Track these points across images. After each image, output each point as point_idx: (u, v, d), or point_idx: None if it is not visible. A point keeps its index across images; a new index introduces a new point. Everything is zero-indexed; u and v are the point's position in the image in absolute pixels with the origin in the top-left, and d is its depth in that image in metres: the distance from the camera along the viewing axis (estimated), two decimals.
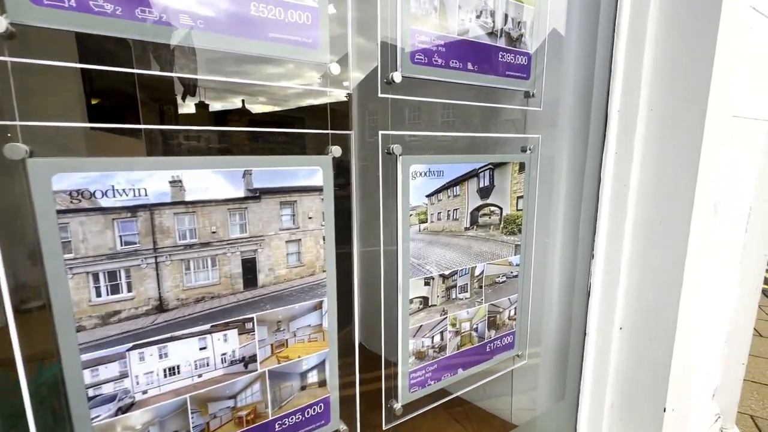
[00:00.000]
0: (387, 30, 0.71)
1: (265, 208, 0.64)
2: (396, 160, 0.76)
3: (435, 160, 0.81)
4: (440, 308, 0.89)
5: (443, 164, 0.83)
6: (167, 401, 0.59)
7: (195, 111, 0.86)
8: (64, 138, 0.51)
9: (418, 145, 0.85)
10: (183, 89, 0.81)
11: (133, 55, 0.54)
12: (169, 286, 0.57)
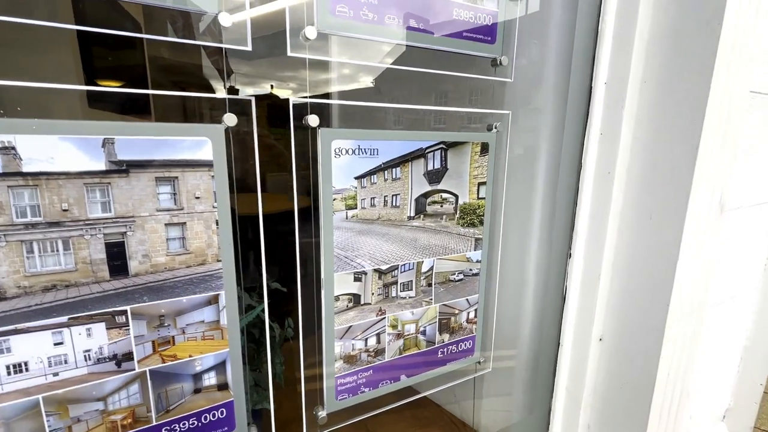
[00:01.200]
0: None
1: (135, 184, 0.54)
2: (313, 134, 0.65)
3: (365, 135, 0.69)
4: (376, 307, 0.78)
5: (377, 141, 0.70)
6: (13, 401, 0.52)
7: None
8: None
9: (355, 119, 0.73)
10: None
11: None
12: (6, 271, 0.49)
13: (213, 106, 0.59)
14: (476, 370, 0.98)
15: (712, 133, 0.72)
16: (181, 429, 0.64)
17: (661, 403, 0.86)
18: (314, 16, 0.61)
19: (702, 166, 0.72)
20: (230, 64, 0.61)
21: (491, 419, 1.16)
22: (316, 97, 0.65)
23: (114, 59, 0.79)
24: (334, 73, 0.83)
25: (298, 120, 0.64)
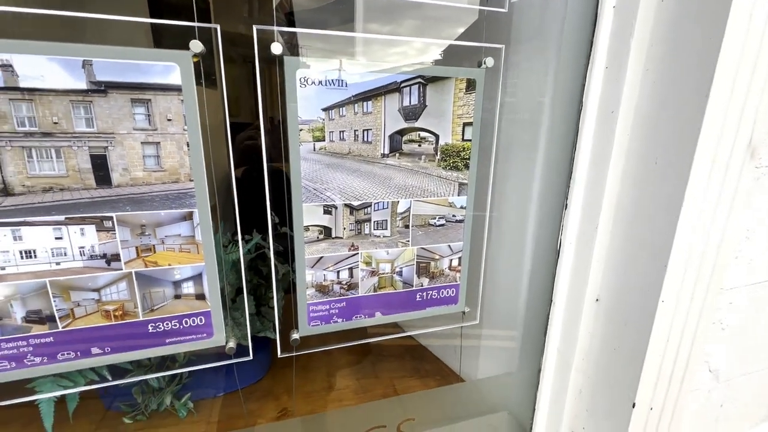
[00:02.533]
0: None
1: (113, 104, 0.62)
2: (278, 62, 0.67)
3: (330, 66, 0.69)
4: (348, 242, 0.80)
5: (346, 74, 0.70)
6: (26, 281, 0.64)
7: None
8: None
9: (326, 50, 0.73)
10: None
11: None
12: (12, 171, 0.60)
13: (182, 33, 0.63)
14: (462, 320, 0.96)
15: (735, 53, 0.60)
16: (165, 328, 0.74)
17: (657, 373, 0.78)
18: None
19: (718, 98, 0.61)
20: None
21: (478, 373, 1.14)
22: (283, 26, 0.67)
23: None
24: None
25: (264, 51, 0.66)
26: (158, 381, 1.02)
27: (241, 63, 0.73)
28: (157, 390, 1.03)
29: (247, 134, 0.73)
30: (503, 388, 1.07)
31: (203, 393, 1.14)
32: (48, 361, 0.69)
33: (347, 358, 1.33)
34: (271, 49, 0.66)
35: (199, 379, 1.12)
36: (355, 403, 1.12)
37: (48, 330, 0.67)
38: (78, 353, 0.70)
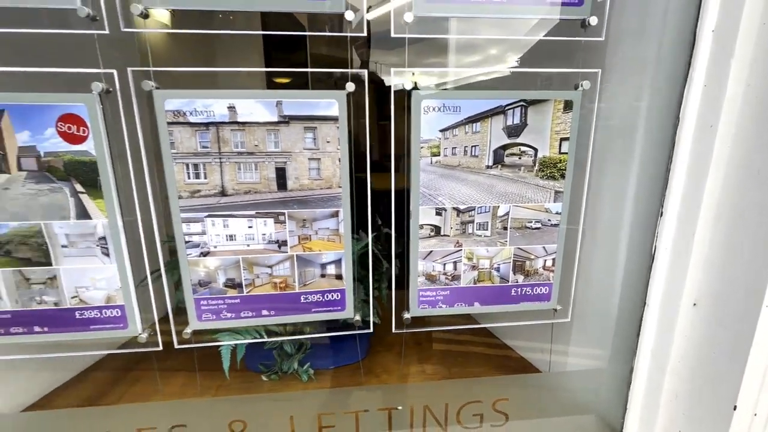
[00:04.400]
0: None
1: (292, 131, 0.85)
2: (408, 95, 0.86)
3: (450, 95, 0.86)
4: (453, 239, 0.96)
5: (459, 100, 0.87)
6: (228, 256, 0.91)
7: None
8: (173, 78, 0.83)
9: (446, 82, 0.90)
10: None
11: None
12: (228, 179, 0.86)
13: (340, 78, 0.85)
14: (553, 316, 1.05)
15: None
16: (312, 299, 0.96)
17: (762, 378, 0.80)
18: (412, 3, 0.81)
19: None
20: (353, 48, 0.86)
21: (569, 371, 1.20)
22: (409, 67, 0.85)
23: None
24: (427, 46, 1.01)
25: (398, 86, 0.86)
26: (291, 347, 1.26)
27: (375, 95, 0.93)
28: (288, 356, 1.28)
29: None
30: (591, 386, 1.12)
31: (319, 364, 1.37)
32: (234, 317, 0.95)
33: (439, 347, 1.47)
34: (402, 86, 0.85)
35: (317, 352, 1.36)
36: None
37: (237, 293, 0.93)
38: (254, 313, 0.95)
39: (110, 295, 0.90)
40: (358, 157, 0.90)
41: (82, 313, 0.90)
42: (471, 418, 1.02)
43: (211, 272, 0.91)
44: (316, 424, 0.97)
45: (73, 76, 0.78)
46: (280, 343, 1.23)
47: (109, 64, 0.79)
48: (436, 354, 1.43)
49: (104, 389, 1.26)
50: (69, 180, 0.82)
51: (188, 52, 0.95)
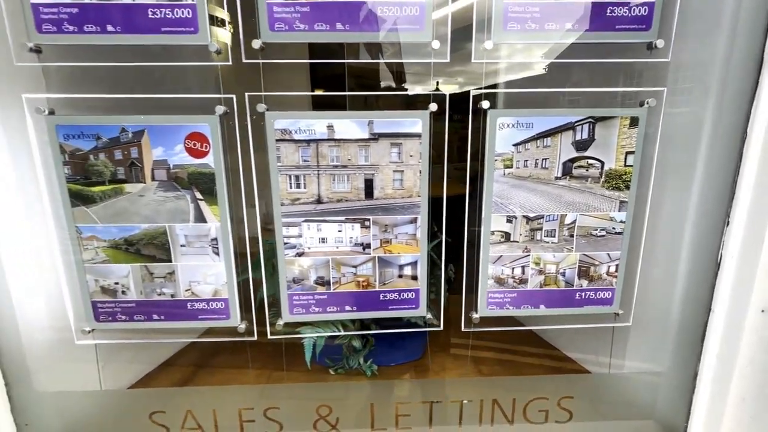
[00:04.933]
0: (484, 10, 0.89)
1: (380, 147, 0.96)
2: (484, 114, 0.95)
3: (523, 113, 0.95)
4: (522, 245, 1.03)
5: (532, 117, 0.95)
6: (320, 257, 1.02)
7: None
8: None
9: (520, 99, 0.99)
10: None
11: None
12: (324, 189, 0.98)
13: (423, 99, 0.96)
14: (614, 320, 1.10)
15: None
16: (390, 297, 1.06)
17: None
18: (491, 32, 0.90)
19: None
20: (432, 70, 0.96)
21: (630, 376, 1.23)
22: (487, 88, 0.95)
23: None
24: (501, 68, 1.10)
25: (474, 105, 0.95)
26: (359, 343, 1.36)
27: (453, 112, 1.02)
28: (356, 351, 1.38)
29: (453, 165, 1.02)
30: (650, 390, 1.16)
31: (380, 361, 1.46)
32: (321, 312, 1.06)
33: (498, 351, 1.53)
34: (481, 105, 0.94)
35: (379, 350, 1.45)
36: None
37: (325, 290, 1.04)
38: (338, 308, 1.06)
39: (217, 289, 1.03)
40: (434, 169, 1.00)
41: (193, 305, 1.03)
42: (536, 414, 1.08)
43: (304, 270, 1.03)
44: (393, 411, 1.06)
45: (199, 101, 0.92)
46: (349, 339, 1.34)
47: (228, 89, 0.93)
48: (491, 354, 1.49)
49: (189, 373, 1.41)
50: (191, 189, 0.96)
51: (293, 78, 1.08)
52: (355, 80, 1.15)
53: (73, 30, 0.86)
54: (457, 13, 0.91)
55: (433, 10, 0.89)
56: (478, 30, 0.91)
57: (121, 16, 0.86)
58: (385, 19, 0.89)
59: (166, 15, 0.87)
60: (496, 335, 1.11)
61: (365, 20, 0.88)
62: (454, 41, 0.92)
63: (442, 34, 0.91)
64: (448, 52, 0.92)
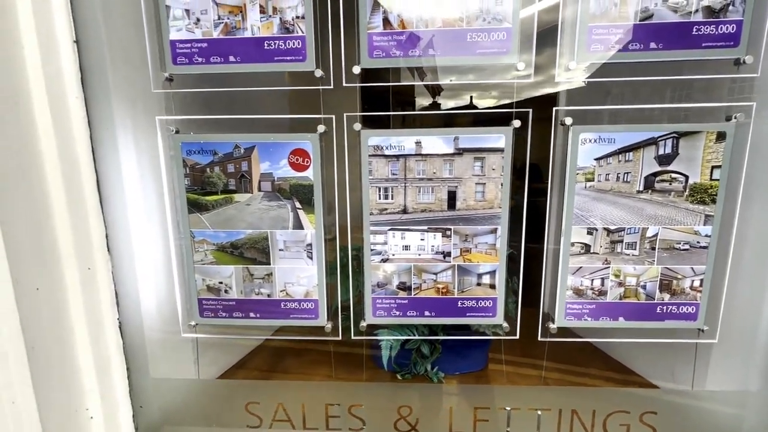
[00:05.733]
0: (566, 31, 0.95)
1: (464, 161, 1.03)
2: (568, 129, 0.99)
3: (605, 129, 0.98)
4: (602, 257, 1.05)
5: (614, 133, 0.98)
6: (403, 263, 1.09)
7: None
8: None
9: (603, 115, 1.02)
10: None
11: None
12: (410, 200, 1.05)
13: (507, 116, 1.02)
14: (698, 336, 1.08)
15: None
16: (468, 304, 1.11)
17: None
18: (575, 53, 0.95)
19: None
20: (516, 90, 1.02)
21: (715, 394, 1.19)
22: (571, 105, 0.99)
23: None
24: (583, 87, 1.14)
25: (557, 122, 1.00)
26: (428, 349, 1.41)
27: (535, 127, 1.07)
28: (424, 357, 1.43)
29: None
30: (739, 409, 1.12)
31: (446, 369, 1.49)
32: (401, 315, 1.12)
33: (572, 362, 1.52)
34: (564, 122, 0.98)
35: (444, 358, 1.49)
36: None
37: (406, 295, 1.11)
38: (417, 313, 1.12)
39: (309, 290, 1.12)
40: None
41: (286, 304, 1.13)
42: (617, 428, 1.07)
43: (387, 276, 1.10)
44: (471, 416, 1.09)
45: (303, 120, 1.04)
46: (419, 345, 1.39)
47: (328, 110, 1.03)
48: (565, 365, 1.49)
49: (271, 368, 1.51)
50: (291, 199, 1.07)
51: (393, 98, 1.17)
52: (436, 98, 1.23)
53: (201, 61, 1.01)
54: (541, 35, 0.97)
55: (518, 35, 0.95)
56: (562, 51, 0.96)
57: (242, 48, 0.99)
58: (474, 45, 0.96)
59: (279, 46, 0.99)
60: (565, 347, 1.12)
61: (455, 46, 0.96)
62: (537, 60, 0.98)
63: (526, 55, 0.97)
64: (532, 73, 0.97)
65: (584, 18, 0.93)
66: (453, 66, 1.01)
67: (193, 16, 0.99)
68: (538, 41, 0.95)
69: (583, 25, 0.93)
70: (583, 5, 0.93)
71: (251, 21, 0.98)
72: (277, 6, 0.97)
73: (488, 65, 0.99)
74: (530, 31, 0.95)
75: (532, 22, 0.95)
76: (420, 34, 0.96)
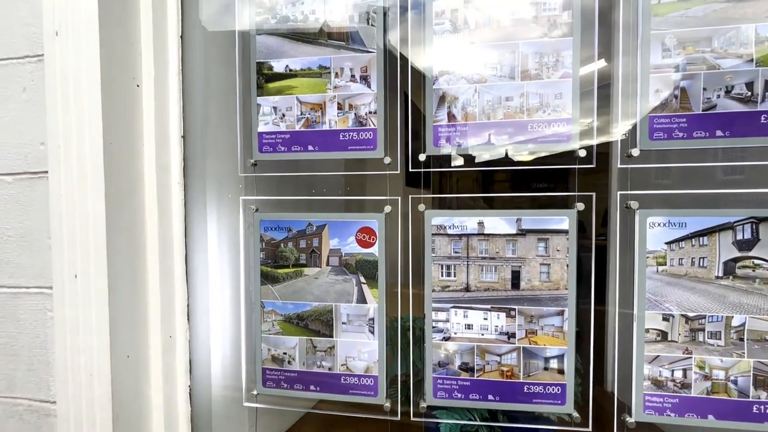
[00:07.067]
0: (628, 120, 0.99)
1: (527, 241, 1.04)
2: (634, 213, 0.99)
3: (675, 213, 0.97)
4: (682, 346, 0.98)
5: (685, 217, 0.97)
6: (465, 343, 1.08)
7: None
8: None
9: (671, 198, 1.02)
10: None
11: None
12: (473, 278, 1.07)
13: (571, 199, 1.04)
14: None
15: None
16: (535, 390, 1.06)
17: None
18: (636, 141, 0.98)
19: None
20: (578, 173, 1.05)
21: None
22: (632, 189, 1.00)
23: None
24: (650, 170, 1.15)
25: (622, 206, 1.00)
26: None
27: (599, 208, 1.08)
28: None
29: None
30: None
31: None
32: (463, 398, 1.09)
33: None
34: (630, 206, 0.99)
35: None
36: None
37: (469, 377, 1.08)
38: (480, 396, 1.08)
39: (369, 366, 1.12)
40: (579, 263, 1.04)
41: (346, 379, 1.13)
42: None
43: (449, 355, 1.09)
44: None
45: (372, 201, 1.11)
46: (477, 429, 1.31)
47: (394, 191, 1.11)
48: None
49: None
50: (357, 273, 1.12)
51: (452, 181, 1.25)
52: (500, 181, 1.27)
53: (284, 150, 1.13)
54: (600, 122, 1.01)
55: (578, 124, 1.00)
56: (623, 138, 1.00)
57: (320, 139, 1.12)
58: (535, 133, 1.02)
59: (353, 137, 1.10)
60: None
61: (517, 135, 1.03)
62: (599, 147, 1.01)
63: (587, 140, 1.01)
64: (594, 159, 1.01)
65: (644, 110, 0.97)
66: (514, 152, 1.07)
67: (279, 112, 1.14)
68: (599, 126, 1.00)
69: (643, 117, 0.97)
70: (642, 98, 0.97)
71: (329, 116, 1.11)
72: (353, 103, 1.10)
73: (549, 151, 1.04)
74: (590, 117, 1.00)
75: (592, 110, 1.00)
76: (482, 125, 1.04)
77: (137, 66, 1.02)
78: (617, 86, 1.00)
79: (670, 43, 0.96)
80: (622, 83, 1.00)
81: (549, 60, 1.01)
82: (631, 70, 0.99)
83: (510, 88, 1.03)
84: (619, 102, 1.00)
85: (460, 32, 1.05)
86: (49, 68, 0.94)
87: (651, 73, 0.97)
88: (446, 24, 1.06)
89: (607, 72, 1.03)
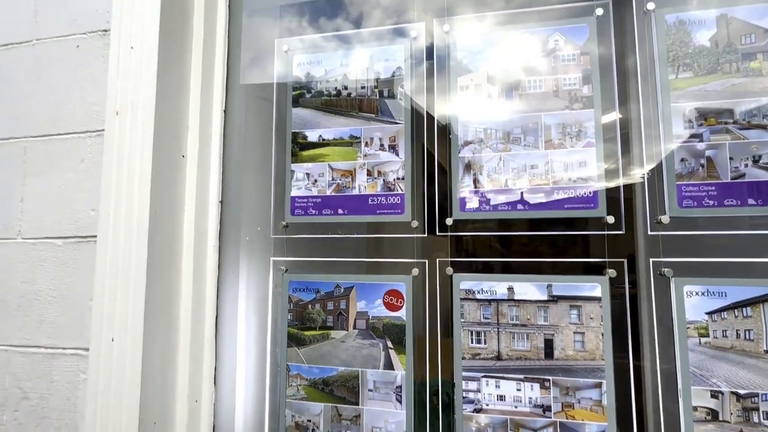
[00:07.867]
0: (654, 189, 1.00)
1: (559, 308, 1.02)
2: (668, 281, 0.97)
3: (713, 282, 0.95)
4: (736, 427, 0.91)
5: (724, 286, 0.94)
6: (497, 416, 1.03)
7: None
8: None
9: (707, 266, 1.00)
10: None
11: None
12: (504, 346, 1.04)
13: (602, 265, 1.03)
14: None
15: None
16: None
17: None
18: (666, 208, 0.98)
19: None
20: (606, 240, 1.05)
21: None
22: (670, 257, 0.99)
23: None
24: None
25: (656, 273, 0.98)
26: None
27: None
28: None
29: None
30: None
31: None
32: None
33: None
34: (664, 273, 0.97)
35: None
36: None
37: None
38: None
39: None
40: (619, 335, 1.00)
41: None
42: None
43: (481, 428, 1.03)
44: None
45: (400, 264, 1.13)
46: None
47: (422, 255, 1.12)
48: None
49: None
50: (384, 338, 1.11)
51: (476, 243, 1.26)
52: (529, 245, 1.27)
53: (314, 213, 1.18)
54: (627, 187, 1.02)
55: (605, 192, 1.02)
56: (651, 205, 1.00)
57: (350, 203, 1.16)
58: (562, 201, 1.04)
59: (381, 202, 1.14)
60: None
61: (543, 202, 1.04)
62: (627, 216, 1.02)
63: (615, 207, 1.02)
64: (623, 225, 1.01)
65: (670, 179, 0.98)
66: (541, 219, 1.08)
67: (311, 177, 1.20)
68: (625, 193, 1.01)
69: (670, 185, 0.98)
70: (668, 168, 0.99)
71: (359, 182, 1.16)
72: (382, 170, 1.15)
73: (576, 216, 1.05)
74: (617, 186, 1.02)
75: (618, 176, 1.02)
76: (507, 192, 1.07)
77: (184, 138, 1.11)
78: (641, 153, 1.03)
79: (691, 115, 0.99)
80: (646, 151, 1.02)
81: (572, 130, 1.05)
82: (654, 140, 1.01)
83: (535, 157, 1.06)
84: (644, 168, 1.02)
85: (484, 105, 1.11)
86: (107, 143, 1.03)
87: (674, 142, 0.99)
88: (470, 97, 1.13)
89: (628, 138, 1.06)
